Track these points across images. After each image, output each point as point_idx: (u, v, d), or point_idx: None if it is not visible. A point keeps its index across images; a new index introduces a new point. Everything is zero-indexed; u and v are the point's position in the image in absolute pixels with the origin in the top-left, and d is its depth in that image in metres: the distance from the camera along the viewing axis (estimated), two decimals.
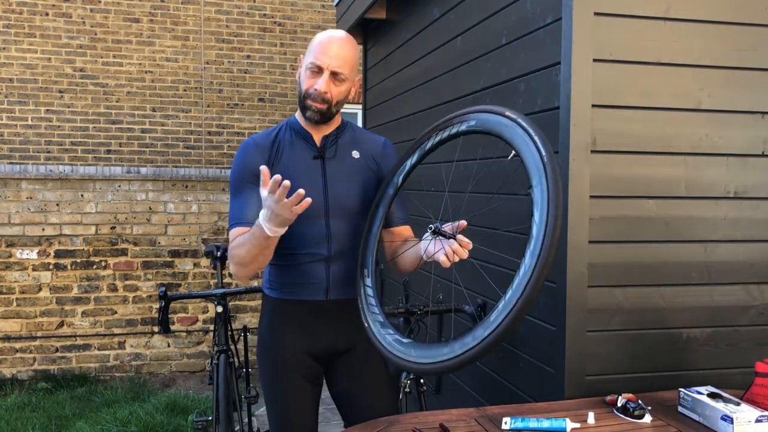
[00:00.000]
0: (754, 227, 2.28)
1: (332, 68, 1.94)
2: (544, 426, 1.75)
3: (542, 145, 1.58)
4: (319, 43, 1.96)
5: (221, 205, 6.01)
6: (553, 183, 1.52)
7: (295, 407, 2.05)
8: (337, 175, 2.04)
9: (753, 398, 1.83)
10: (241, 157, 2.03)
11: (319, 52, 1.94)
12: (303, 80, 1.99)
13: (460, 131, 1.87)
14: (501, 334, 1.49)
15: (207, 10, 8.15)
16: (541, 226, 1.50)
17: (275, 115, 8.40)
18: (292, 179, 1.87)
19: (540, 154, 1.56)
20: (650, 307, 2.21)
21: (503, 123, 1.69)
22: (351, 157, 2.07)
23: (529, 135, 1.61)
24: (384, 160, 2.12)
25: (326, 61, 1.94)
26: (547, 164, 1.55)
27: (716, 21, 2.20)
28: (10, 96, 7.71)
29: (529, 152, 1.59)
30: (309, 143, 2.05)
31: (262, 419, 4.60)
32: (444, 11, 3.26)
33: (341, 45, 1.96)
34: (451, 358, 1.57)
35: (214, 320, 3.46)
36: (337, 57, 1.94)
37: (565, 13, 2.12)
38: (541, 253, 1.48)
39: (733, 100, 2.23)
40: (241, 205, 1.97)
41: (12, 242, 5.58)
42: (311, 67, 1.96)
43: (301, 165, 2.01)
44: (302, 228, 1.97)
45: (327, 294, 2.05)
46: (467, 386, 3.01)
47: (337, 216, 2.02)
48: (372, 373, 2.11)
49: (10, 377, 5.59)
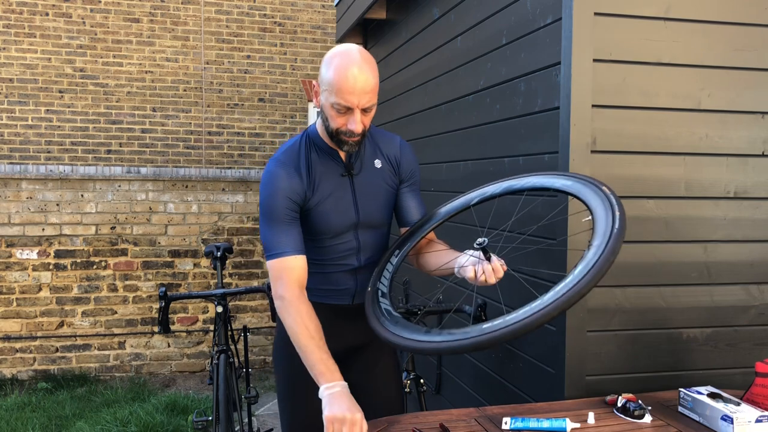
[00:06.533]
0: (754, 227, 2.28)
1: (362, 106, 1.83)
2: (544, 426, 1.75)
3: (619, 219, 1.60)
4: (341, 81, 1.80)
5: (221, 205, 6.01)
6: (609, 254, 1.53)
7: (312, 407, 2.06)
8: (365, 189, 2.03)
9: (753, 398, 1.83)
10: (273, 183, 1.91)
11: (345, 93, 1.80)
12: (330, 117, 1.87)
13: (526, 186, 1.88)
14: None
15: (207, 10, 8.15)
16: (568, 285, 1.51)
17: (275, 115, 8.41)
18: (325, 201, 1.94)
19: (613, 226, 1.58)
20: (650, 307, 2.21)
21: (596, 192, 1.71)
22: (374, 168, 2.05)
23: (611, 204, 1.64)
24: (402, 160, 2.10)
25: (354, 101, 1.81)
26: (614, 235, 1.56)
27: (716, 21, 2.20)
28: (10, 96, 7.71)
29: (604, 218, 1.62)
30: (336, 160, 1.99)
31: (262, 419, 4.60)
32: (444, 11, 3.26)
33: (366, 78, 1.81)
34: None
35: (214, 320, 3.46)
36: (364, 93, 1.81)
37: (565, 13, 2.12)
38: (551, 304, 1.49)
39: (733, 100, 2.23)
40: (278, 235, 1.90)
41: (12, 242, 5.58)
42: (339, 108, 1.83)
43: (331, 184, 1.98)
44: (334, 242, 2.00)
45: (353, 299, 2.09)
46: (467, 386, 3.01)
47: (366, 229, 2.04)
48: (382, 365, 2.15)
49: (10, 377, 5.59)
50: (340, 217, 1.98)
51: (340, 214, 1.98)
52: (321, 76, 1.87)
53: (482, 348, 1.56)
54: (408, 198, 2.11)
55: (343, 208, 1.98)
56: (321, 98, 1.89)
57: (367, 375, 2.15)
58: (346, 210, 1.99)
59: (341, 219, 1.98)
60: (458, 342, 1.57)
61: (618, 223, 1.58)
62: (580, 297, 1.50)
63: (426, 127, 3.57)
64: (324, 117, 1.91)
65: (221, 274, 3.55)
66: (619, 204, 1.64)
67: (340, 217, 1.98)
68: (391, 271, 1.97)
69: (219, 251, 3.55)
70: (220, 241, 6.00)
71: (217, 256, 3.55)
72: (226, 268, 5.89)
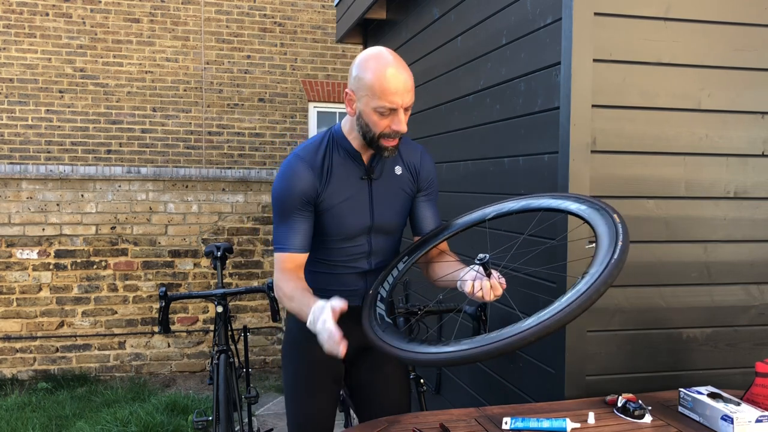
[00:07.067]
0: (754, 227, 2.28)
1: (405, 105, 1.84)
2: (544, 426, 1.75)
3: (620, 251, 1.59)
4: (382, 83, 1.80)
5: (221, 205, 6.01)
6: (599, 284, 1.52)
7: (320, 406, 2.09)
8: (382, 195, 2.03)
9: (753, 398, 1.83)
10: (290, 178, 1.93)
11: (389, 94, 1.80)
12: (373, 122, 1.85)
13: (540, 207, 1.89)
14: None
15: (207, 11, 8.16)
16: (552, 311, 1.51)
17: (275, 115, 8.41)
18: (340, 202, 1.95)
19: (612, 256, 1.57)
20: (650, 307, 2.21)
21: (605, 219, 1.71)
22: (394, 174, 2.05)
23: (616, 234, 1.63)
24: (422, 169, 2.10)
25: (398, 101, 1.81)
26: (611, 265, 1.55)
27: (716, 21, 2.20)
28: (10, 96, 7.71)
29: (606, 247, 1.62)
30: (358, 163, 1.99)
31: (262, 419, 4.60)
32: (444, 11, 3.26)
33: (405, 77, 1.82)
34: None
35: (214, 320, 3.46)
36: (407, 92, 1.82)
37: (565, 13, 2.12)
38: (536, 326, 1.49)
39: (733, 100, 2.23)
40: (288, 231, 1.93)
41: (12, 242, 5.58)
42: (383, 111, 1.82)
43: (349, 186, 1.98)
44: (347, 245, 2.01)
45: (362, 300, 2.09)
46: (467, 386, 3.01)
47: (379, 233, 2.05)
48: (391, 366, 2.16)
49: (10, 377, 5.59)
50: (355, 220, 1.98)
51: (355, 216, 1.98)
52: (356, 83, 1.86)
53: (452, 365, 1.61)
54: (424, 207, 2.11)
55: (358, 211, 1.98)
56: (358, 105, 1.87)
57: (376, 375, 2.15)
58: (362, 213, 1.99)
59: (356, 222, 1.99)
60: (430, 356, 1.61)
61: (617, 254, 1.57)
62: (561, 326, 1.50)
63: (426, 127, 3.57)
64: (363, 123, 1.88)
65: (221, 274, 3.55)
66: (624, 235, 1.63)
67: (355, 219, 1.98)
68: (395, 276, 1.98)
69: (219, 251, 3.55)
70: (220, 241, 6.00)
71: (217, 256, 3.55)
72: (226, 268, 5.89)
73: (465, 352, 1.55)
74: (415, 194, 2.10)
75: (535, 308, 1.63)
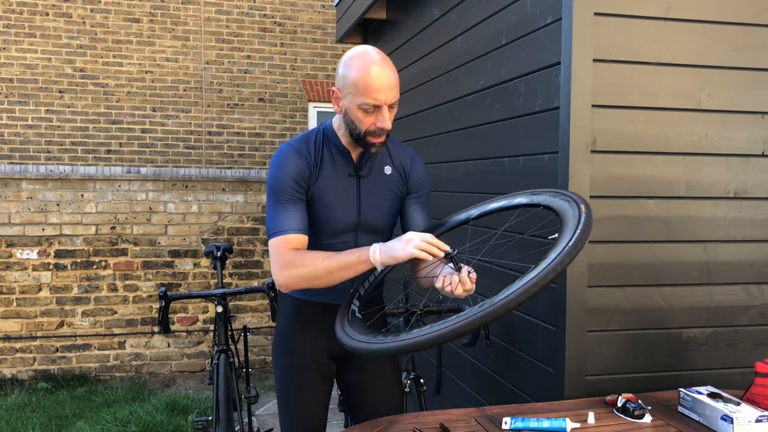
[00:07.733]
0: (754, 227, 2.28)
1: (389, 102, 1.86)
2: (544, 426, 1.75)
3: (577, 238, 1.59)
4: (366, 80, 1.82)
5: (221, 205, 6.01)
6: (549, 271, 1.53)
7: (311, 405, 2.10)
8: (370, 193, 2.04)
9: (753, 398, 1.83)
10: (282, 163, 1.95)
11: (373, 91, 1.83)
12: (357, 119, 1.88)
13: (520, 204, 1.90)
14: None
15: (207, 10, 8.16)
16: (503, 295, 1.52)
17: (275, 115, 8.41)
18: (328, 196, 1.96)
19: (567, 244, 1.58)
20: (650, 307, 2.21)
21: (573, 209, 1.72)
22: (383, 173, 2.07)
23: (577, 224, 1.65)
24: (412, 171, 2.11)
25: (382, 98, 1.84)
26: (564, 252, 1.56)
27: (716, 21, 2.20)
28: (10, 96, 7.71)
29: (566, 237, 1.63)
30: (347, 160, 2.02)
31: (262, 419, 4.60)
32: (444, 11, 3.27)
33: (389, 74, 1.85)
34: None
35: (214, 320, 3.46)
36: (390, 89, 1.85)
37: (565, 13, 2.12)
38: (484, 311, 1.50)
39: (733, 100, 2.23)
40: (284, 215, 1.93)
41: (12, 242, 5.58)
42: (367, 108, 1.85)
43: (338, 182, 2.00)
44: (333, 241, 2.01)
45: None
46: (467, 386, 3.01)
47: (366, 231, 2.06)
48: (380, 363, 2.16)
49: (10, 377, 5.59)
50: (341, 215, 2.00)
51: (342, 211, 1.99)
52: (342, 81, 1.88)
53: (405, 352, 1.61)
54: (414, 210, 2.12)
55: (346, 206, 2.00)
56: (344, 102, 1.90)
57: (365, 374, 2.16)
58: (349, 209, 2.00)
59: (342, 217, 2.00)
60: (382, 345, 1.63)
61: (572, 242, 1.58)
62: (506, 311, 1.50)
63: (426, 127, 3.57)
64: (349, 121, 1.91)
65: (221, 274, 3.55)
66: (585, 224, 1.63)
67: (342, 214, 2.00)
68: (376, 275, 1.98)
69: (219, 251, 3.55)
70: (220, 241, 6.00)
71: (217, 256, 3.55)
72: (226, 268, 5.89)
73: (408, 341, 1.57)
74: (404, 195, 2.11)
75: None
